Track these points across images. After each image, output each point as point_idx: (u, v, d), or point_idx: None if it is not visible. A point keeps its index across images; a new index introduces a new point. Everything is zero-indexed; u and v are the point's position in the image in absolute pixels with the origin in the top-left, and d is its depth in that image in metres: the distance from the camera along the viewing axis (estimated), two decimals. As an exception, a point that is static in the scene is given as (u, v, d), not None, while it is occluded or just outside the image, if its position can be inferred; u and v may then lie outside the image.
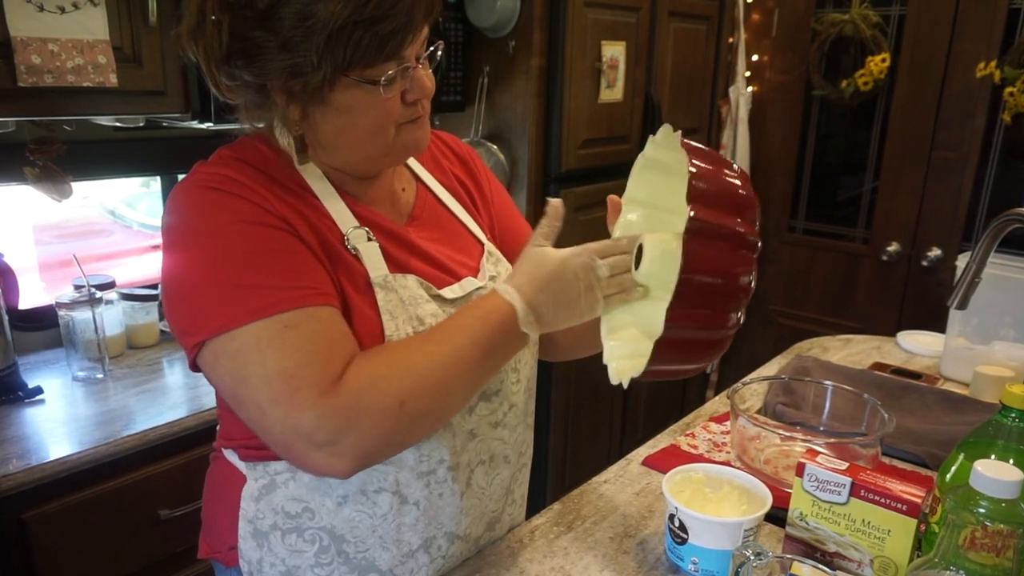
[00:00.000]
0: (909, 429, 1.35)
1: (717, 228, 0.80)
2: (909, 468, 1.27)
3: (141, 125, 1.72)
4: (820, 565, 0.79)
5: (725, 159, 0.88)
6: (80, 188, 1.76)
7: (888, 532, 0.89)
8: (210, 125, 1.66)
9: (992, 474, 0.72)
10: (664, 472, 1.09)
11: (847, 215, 2.98)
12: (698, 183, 0.80)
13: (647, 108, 2.50)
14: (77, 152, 1.73)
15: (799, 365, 1.64)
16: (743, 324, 0.86)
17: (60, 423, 1.47)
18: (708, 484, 1.04)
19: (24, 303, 1.70)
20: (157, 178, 2.09)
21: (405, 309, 0.88)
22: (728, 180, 0.84)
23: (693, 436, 1.38)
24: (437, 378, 0.80)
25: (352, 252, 0.88)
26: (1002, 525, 0.69)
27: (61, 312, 1.65)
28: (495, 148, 2.20)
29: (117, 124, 1.70)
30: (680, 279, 0.78)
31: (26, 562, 1.34)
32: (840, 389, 1.34)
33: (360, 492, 0.89)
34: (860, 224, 2.94)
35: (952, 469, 0.91)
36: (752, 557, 0.78)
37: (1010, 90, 2.42)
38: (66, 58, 1.40)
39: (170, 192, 0.86)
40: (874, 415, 1.24)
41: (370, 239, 0.90)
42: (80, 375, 1.67)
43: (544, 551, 1.04)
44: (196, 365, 0.83)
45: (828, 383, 1.36)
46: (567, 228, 0.93)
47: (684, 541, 0.96)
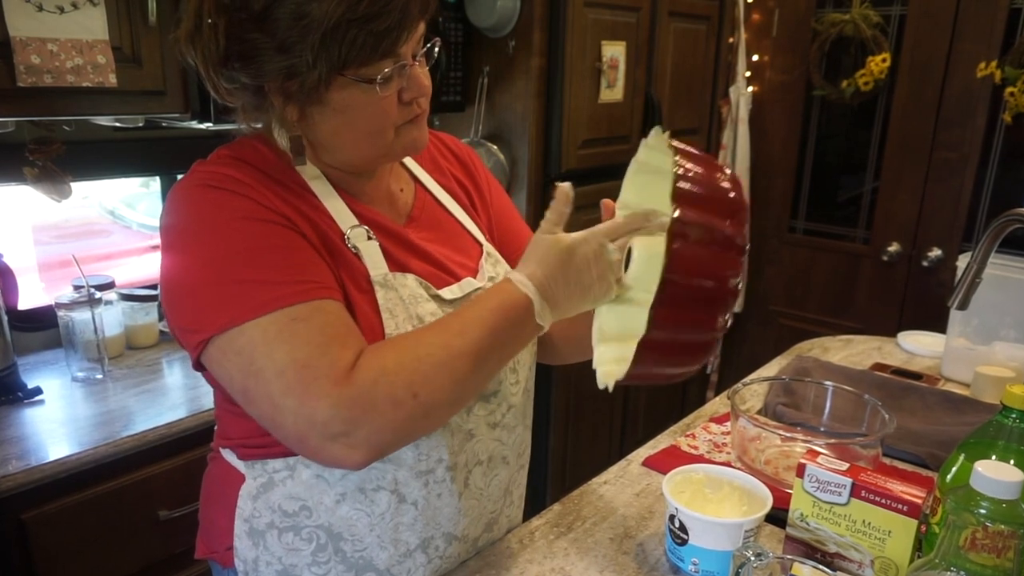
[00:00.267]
0: (910, 430, 1.35)
1: (702, 230, 0.80)
2: (910, 469, 1.27)
3: (140, 125, 1.72)
4: (820, 566, 0.79)
5: (716, 162, 0.88)
6: (79, 188, 1.76)
7: (889, 533, 0.89)
8: (209, 125, 1.66)
9: (993, 475, 0.72)
10: (664, 473, 1.09)
11: (847, 215, 2.97)
12: (683, 184, 0.80)
13: (647, 108, 2.50)
14: (76, 152, 1.73)
15: (799, 366, 1.64)
16: (743, 324, 0.85)
17: (59, 424, 1.47)
18: (708, 485, 1.03)
19: (23, 303, 1.70)
20: (156, 178, 2.09)
21: (405, 308, 0.88)
22: (716, 182, 0.84)
23: (693, 437, 1.37)
24: (450, 369, 0.80)
25: (352, 250, 0.88)
26: (1003, 526, 0.69)
27: (60, 312, 1.65)
28: (495, 148, 2.19)
29: (116, 124, 1.70)
30: (663, 280, 0.77)
31: (25, 563, 1.34)
32: (841, 390, 1.34)
33: (358, 490, 0.89)
34: (860, 224, 2.94)
35: (953, 470, 0.91)
36: (752, 558, 0.78)
37: (1011, 90, 2.42)
38: (65, 58, 1.40)
39: (169, 191, 0.85)
40: (875, 416, 1.24)
41: (370, 238, 0.90)
42: (79, 376, 1.67)
43: (544, 552, 1.04)
44: (199, 364, 0.83)
45: (828, 384, 1.36)
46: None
47: (684, 542, 0.96)
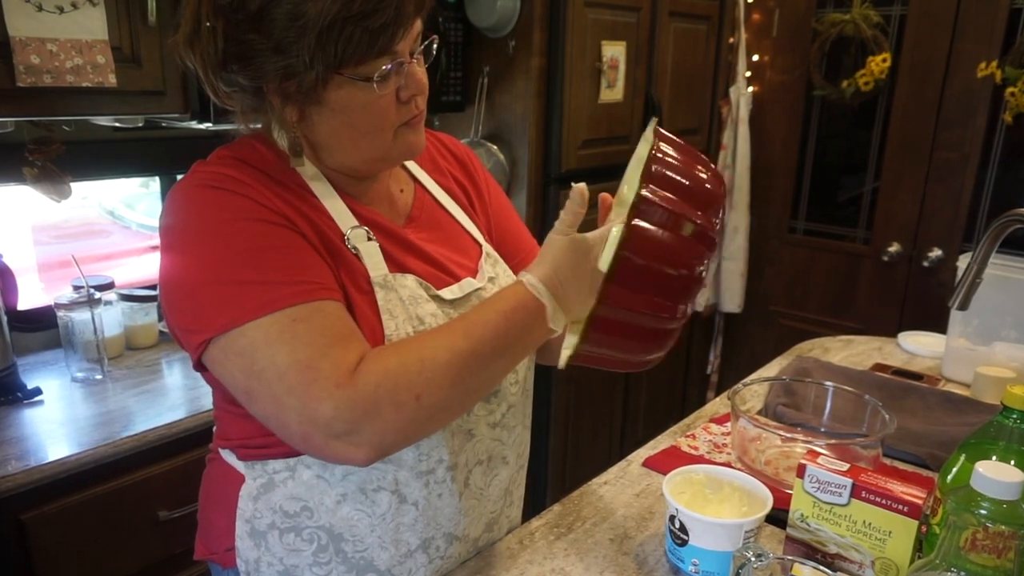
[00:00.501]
0: (910, 430, 1.35)
1: (667, 214, 0.78)
2: (910, 469, 1.27)
3: (140, 125, 1.72)
4: (821, 567, 0.79)
5: (698, 153, 0.86)
6: (79, 188, 1.75)
7: (889, 533, 0.89)
8: (209, 125, 1.66)
9: (993, 475, 0.72)
10: (664, 473, 1.09)
11: (848, 215, 2.97)
12: (656, 167, 0.79)
13: (647, 108, 2.50)
14: (76, 152, 1.73)
15: (800, 366, 1.64)
16: (744, 325, 0.85)
17: (59, 424, 1.47)
18: (709, 485, 1.03)
19: (23, 304, 1.70)
20: (156, 179, 2.09)
21: (405, 308, 0.88)
22: (691, 171, 0.82)
23: (694, 437, 1.37)
24: (454, 372, 0.79)
25: (352, 251, 0.88)
26: (1003, 526, 0.69)
27: (60, 313, 1.65)
28: (495, 148, 2.19)
29: (116, 124, 1.70)
30: (616, 256, 0.76)
31: (25, 563, 1.34)
32: (841, 390, 1.34)
33: (359, 491, 0.89)
34: (861, 224, 2.93)
35: (953, 470, 0.91)
36: (753, 558, 0.78)
37: (1011, 90, 2.41)
38: (65, 58, 1.40)
39: (168, 192, 0.85)
40: (875, 416, 1.24)
41: (370, 238, 0.90)
42: (79, 376, 1.67)
43: (544, 552, 1.04)
44: (200, 364, 0.83)
45: (829, 384, 1.36)
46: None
47: (685, 542, 0.96)
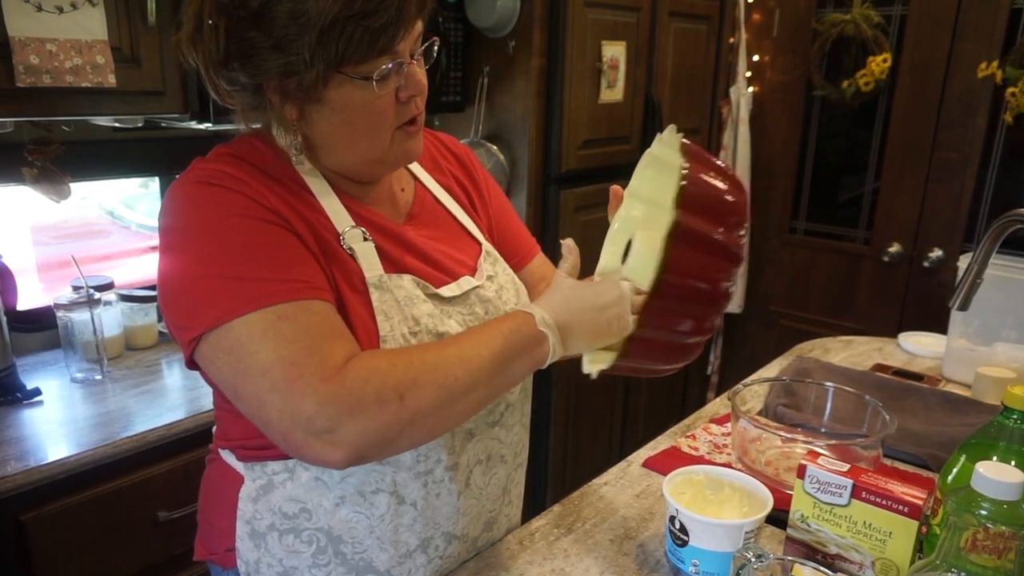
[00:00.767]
0: (910, 431, 1.35)
1: (702, 236, 0.80)
2: (910, 470, 1.27)
3: (140, 126, 1.72)
4: (821, 567, 0.79)
5: (726, 168, 0.88)
6: (78, 189, 1.75)
7: (889, 534, 0.89)
8: (209, 125, 1.66)
9: (994, 476, 0.72)
10: (665, 474, 1.08)
11: (848, 216, 2.97)
12: (691, 188, 0.80)
13: (647, 108, 2.50)
14: (75, 153, 1.73)
15: (800, 366, 1.64)
16: (744, 325, 0.86)
17: (58, 424, 1.47)
18: (709, 486, 1.03)
19: (22, 304, 1.70)
20: (156, 179, 2.08)
21: (400, 309, 0.88)
22: (722, 190, 0.84)
23: (694, 438, 1.37)
24: (441, 376, 0.78)
25: (348, 251, 0.88)
26: (1004, 527, 0.69)
27: (59, 313, 1.65)
28: (495, 148, 2.19)
29: (116, 124, 1.70)
30: (659, 280, 0.78)
31: (24, 564, 1.34)
32: (841, 391, 1.33)
33: (358, 493, 0.89)
34: (861, 225, 2.93)
35: (954, 471, 0.91)
36: (753, 559, 0.78)
37: (1012, 90, 2.41)
38: (64, 58, 1.40)
39: (168, 188, 0.85)
40: (875, 417, 1.23)
41: (366, 239, 0.90)
42: (78, 376, 1.67)
43: (544, 553, 1.03)
44: (193, 362, 0.83)
45: (829, 384, 1.36)
46: (567, 227, 0.92)
47: (685, 543, 0.95)
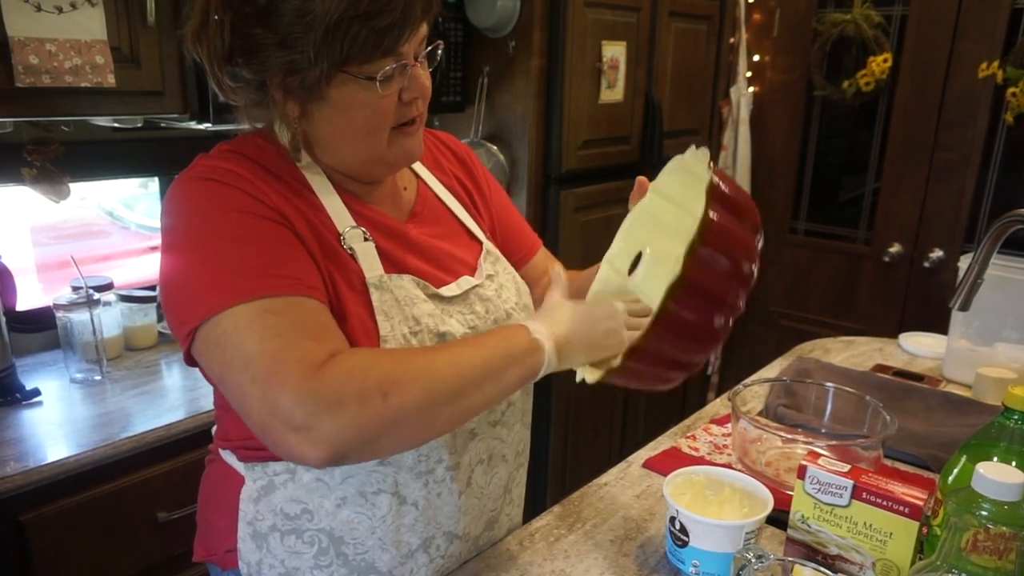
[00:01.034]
0: (911, 431, 1.35)
1: (717, 266, 0.80)
2: (911, 470, 1.26)
3: (139, 126, 1.71)
4: (822, 568, 0.79)
5: (748, 201, 0.87)
6: (78, 189, 1.75)
7: (890, 535, 0.88)
8: (208, 126, 1.65)
9: (994, 476, 0.71)
10: (665, 474, 1.08)
11: (849, 216, 2.97)
12: (710, 229, 0.79)
13: (648, 109, 2.49)
14: (75, 153, 1.73)
15: (800, 367, 1.63)
16: (744, 325, 0.86)
17: (58, 425, 1.46)
18: (709, 486, 1.03)
19: (22, 304, 1.69)
20: (155, 179, 2.08)
21: (401, 309, 0.88)
22: (742, 229, 0.83)
23: (694, 438, 1.37)
24: (428, 377, 0.77)
25: (348, 251, 0.88)
26: (1004, 528, 0.68)
27: (59, 314, 1.64)
28: (495, 149, 2.19)
29: (115, 125, 1.70)
30: (663, 310, 0.78)
31: (24, 564, 1.34)
32: (842, 391, 1.33)
33: (359, 493, 0.89)
34: (862, 225, 2.93)
35: (954, 471, 0.91)
36: (753, 560, 0.78)
37: (1013, 90, 2.41)
38: (64, 58, 1.40)
39: (170, 184, 0.85)
40: (876, 417, 1.23)
41: (366, 239, 0.89)
42: (78, 377, 1.66)
43: (544, 554, 1.03)
44: (191, 358, 0.82)
45: (830, 385, 1.36)
46: (567, 227, 0.92)
47: (685, 544, 0.95)
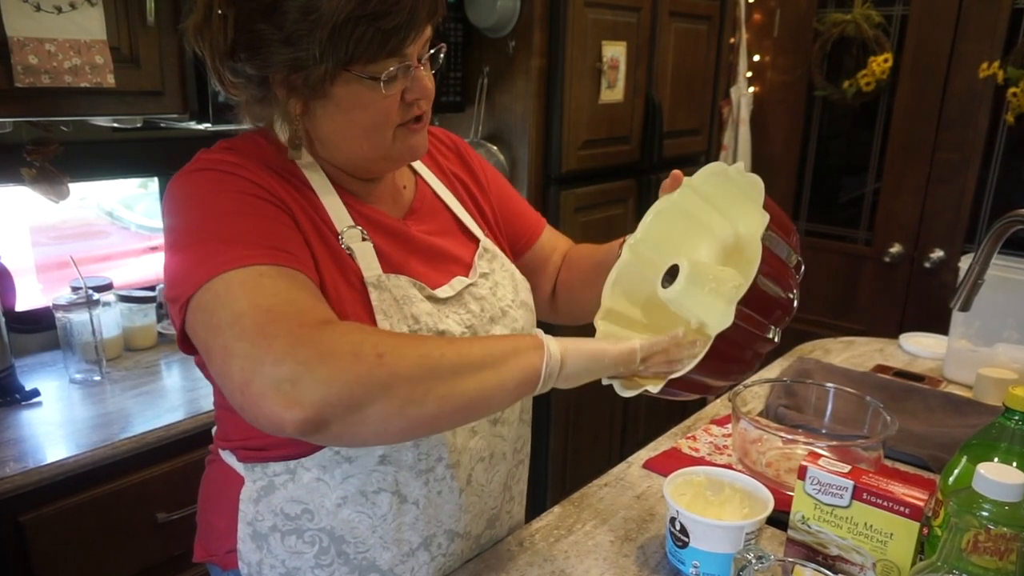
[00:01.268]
0: (912, 432, 1.34)
1: (773, 288, 0.82)
2: (912, 471, 1.26)
3: (139, 126, 1.71)
4: (822, 569, 0.79)
5: (792, 232, 0.88)
6: (77, 189, 1.75)
7: (891, 535, 0.88)
8: (208, 126, 1.65)
9: (995, 477, 0.71)
10: (665, 475, 1.08)
11: (849, 216, 2.97)
12: (764, 284, 0.80)
13: (648, 109, 2.49)
14: (74, 153, 1.73)
15: (801, 367, 1.63)
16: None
17: (57, 426, 1.46)
18: (709, 487, 1.03)
19: (21, 305, 1.70)
20: (155, 179, 2.08)
21: (399, 308, 0.88)
22: (787, 276, 0.85)
23: (694, 439, 1.37)
24: (425, 349, 0.74)
25: (346, 251, 0.88)
26: (1005, 528, 0.68)
27: (58, 314, 1.64)
28: (495, 149, 2.19)
29: (115, 125, 1.70)
30: (713, 349, 0.79)
31: (23, 565, 1.34)
32: (842, 391, 1.33)
33: (359, 493, 0.89)
34: (862, 225, 2.93)
35: (955, 472, 0.91)
36: (754, 560, 0.78)
37: (1013, 90, 2.41)
38: (63, 58, 1.39)
39: (170, 180, 0.85)
40: (876, 418, 1.23)
41: (364, 239, 0.89)
42: (77, 377, 1.66)
43: (544, 555, 1.03)
44: (186, 343, 0.80)
45: (830, 385, 1.35)
46: (567, 227, 0.92)
47: (685, 544, 0.95)
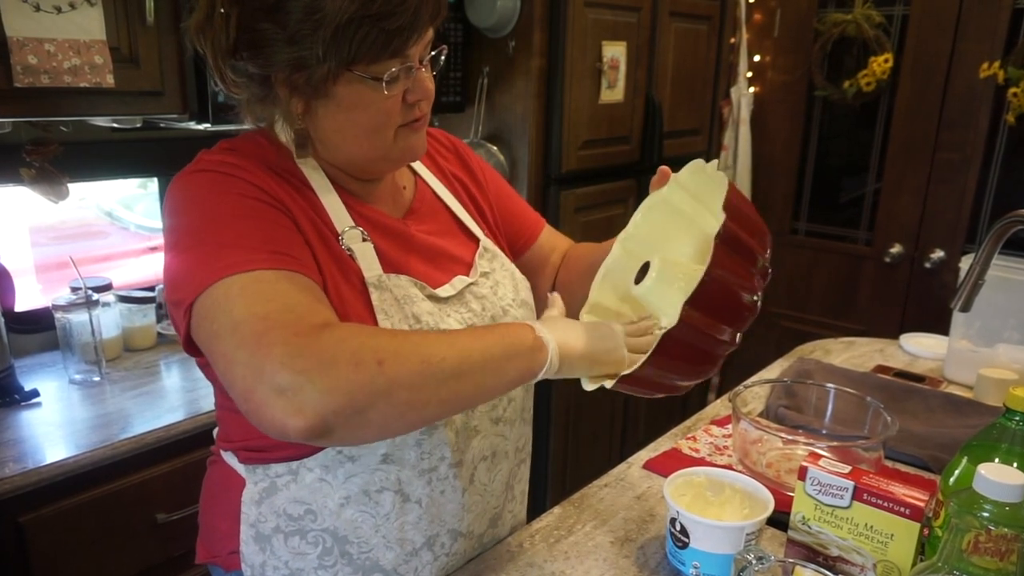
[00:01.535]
0: (912, 432, 1.34)
1: (727, 289, 0.80)
2: (912, 472, 1.26)
3: (138, 126, 1.71)
4: (822, 569, 0.78)
5: (763, 229, 0.87)
6: (77, 189, 1.75)
7: (891, 536, 0.88)
8: (208, 126, 1.65)
9: (996, 478, 0.71)
10: (665, 476, 1.08)
11: (850, 217, 2.97)
12: (728, 228, 0.79)
13: (648, 109, 2.49)
14: (74, 153, 1.73)
15: (801, 368, 1.63)
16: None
17: (57, 426, 1.46)
18: (710, 488, 1.03)
19: (20, 305, 1.69)
20: (154, 179, 2.08)
21: (400, 308, 0.88)
22: (746, 267, 0.83)
23: (694, 439, 1.37)
24: (426, 351, 0.74)
25: (347, 251, 0.88)
26: (1006, 529, 0.68)
27: (58, 314, 1.64)
28: (495, 149, 2.19)
29: (114, 125, 1.70)
30: (668, 337, 0.78)
31: (23, 566, 1.34)
32: (843, 392, 1.33)
33: (362, 492, 0.89)
34: (863, 226, 2.93)
35: (955, 473, 0.90)
36: (754, 561, 0.78)
37: (1014, 90, 2.40)
38: (63, 58, 1.39)
39: (171, 181, 0.85)
40: (877, 418, 1.23)
41: (364, 239, 0.89)
42: (77, 378, 1.66)
43: (545, 555, 1.03)
44: (191, 345, 0.81)
45: (830, 386, 1.35)
46: (567, 227, 0.92)
47: (685, 545, 0.95)
